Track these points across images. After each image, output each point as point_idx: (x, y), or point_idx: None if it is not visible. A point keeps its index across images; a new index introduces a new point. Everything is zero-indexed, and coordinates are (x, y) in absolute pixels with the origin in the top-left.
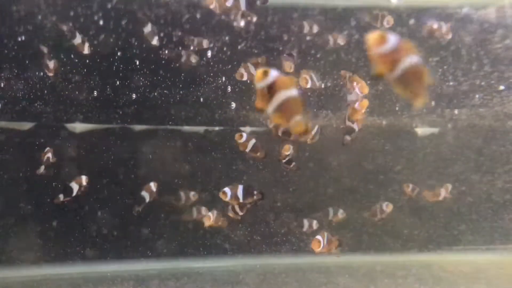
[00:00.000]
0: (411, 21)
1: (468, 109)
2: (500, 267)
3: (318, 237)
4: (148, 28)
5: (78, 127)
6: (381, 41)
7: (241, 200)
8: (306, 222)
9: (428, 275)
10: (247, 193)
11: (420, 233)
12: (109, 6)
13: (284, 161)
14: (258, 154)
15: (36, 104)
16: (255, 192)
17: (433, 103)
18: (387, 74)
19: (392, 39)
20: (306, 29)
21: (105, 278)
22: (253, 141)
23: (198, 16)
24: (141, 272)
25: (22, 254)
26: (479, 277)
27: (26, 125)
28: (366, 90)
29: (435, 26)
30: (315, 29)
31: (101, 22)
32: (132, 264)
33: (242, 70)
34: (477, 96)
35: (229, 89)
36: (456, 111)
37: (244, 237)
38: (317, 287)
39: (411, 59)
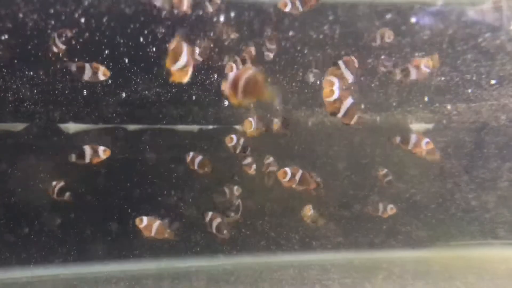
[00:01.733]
0: (388, 16)
1: (461, 104)
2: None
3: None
4: None
5: (71, 127)
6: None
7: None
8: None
9: (423, 270)
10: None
11: (415, 229)
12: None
13: (238, 152)
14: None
15: (28, 105)
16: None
17: (426, 98)
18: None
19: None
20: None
21: (101, 278)
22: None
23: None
24: (136, 272)
25: (15, 255)
26: (473, 272)
27: (19, 126)
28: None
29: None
30: None
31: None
32: (126, 264)
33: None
34: (469, 91)
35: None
36: (449, 107)
37: (239, 235)
38: (312, 284)
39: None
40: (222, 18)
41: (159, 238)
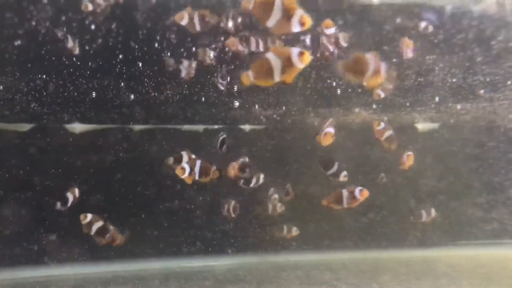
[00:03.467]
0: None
1: (468, 105)
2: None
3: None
4: None
5: (78, 127)
6: None
7: None
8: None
9: (430, 270)
10: None
11: (420, 228)
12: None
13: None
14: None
15: (35, 106)
16: None
17: (437, 98)
18: None
19: None
20: None
21: (107, 278)
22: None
23: None
24: (142, 272)
25: (24, 255)
26: (481, 272)
27: (25, 127)
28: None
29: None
30: None
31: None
32: (133, 264)
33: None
34: (480, 91)
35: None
36: (457, 107)
37: (246, 235)
38: (319, 285)
39: None
40: None
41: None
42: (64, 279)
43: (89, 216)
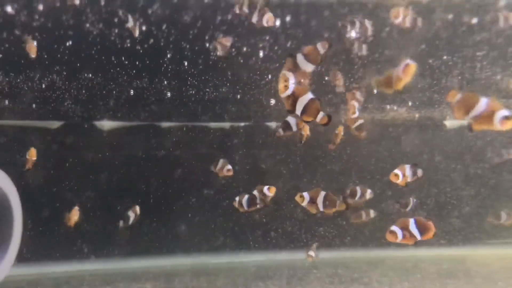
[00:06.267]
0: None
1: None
2: None
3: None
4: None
5: (106, 125)
6: None
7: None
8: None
9: (460, 270)
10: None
11: (451, 227)
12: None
13: None
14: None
15: (65, 103)
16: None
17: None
18: None
19: None
20: None
21: (137, 273)
22: None
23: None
24: (172, 267)
25: (54, 250)
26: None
27: (55, 124)
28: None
29: None
30: None
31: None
32: (163, 260)
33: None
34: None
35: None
36: None
37: (278, 232)
38: (348, 283)
39: None
40: None
41: None
42: (95, 273)
43: None
